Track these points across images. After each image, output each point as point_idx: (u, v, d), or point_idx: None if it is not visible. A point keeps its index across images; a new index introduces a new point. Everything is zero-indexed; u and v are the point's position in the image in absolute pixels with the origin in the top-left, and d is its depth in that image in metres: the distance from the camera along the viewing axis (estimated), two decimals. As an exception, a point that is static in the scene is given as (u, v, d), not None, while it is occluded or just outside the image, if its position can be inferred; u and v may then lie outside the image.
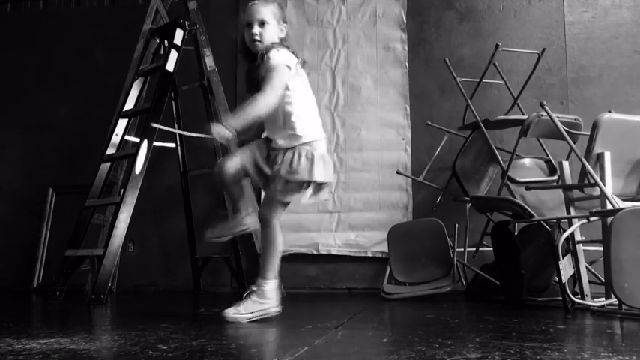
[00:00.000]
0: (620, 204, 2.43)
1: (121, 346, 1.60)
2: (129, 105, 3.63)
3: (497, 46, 3.30)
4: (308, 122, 2.13)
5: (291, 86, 2.10)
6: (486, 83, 3.62)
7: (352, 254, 3.85)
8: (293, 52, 2.14)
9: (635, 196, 2.62)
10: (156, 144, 3.31)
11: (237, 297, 3.44)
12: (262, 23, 2.11)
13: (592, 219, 2.49)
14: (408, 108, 3.95)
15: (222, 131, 1.94)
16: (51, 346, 1.58)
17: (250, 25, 2.11)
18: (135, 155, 3.16)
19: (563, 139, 2.68)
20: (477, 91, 3.52)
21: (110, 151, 3.50)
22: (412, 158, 3.90)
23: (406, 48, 4.02)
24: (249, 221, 2.19)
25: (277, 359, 1.38)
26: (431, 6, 4.07)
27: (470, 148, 3.35)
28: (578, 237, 2.63)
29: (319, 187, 2.12)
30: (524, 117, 3.16)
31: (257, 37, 2.10)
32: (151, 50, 3.86)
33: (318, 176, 2.06)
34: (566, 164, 2.79)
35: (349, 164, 3.95)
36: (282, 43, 2.15)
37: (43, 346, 1.58)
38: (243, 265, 3.58)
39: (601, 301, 2.50)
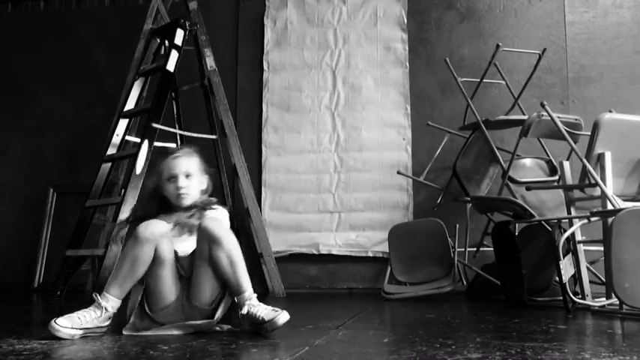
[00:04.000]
0: (621, 204, 2.43)
1: (121, 346, 1.60)
2: (129, 105, 3.63)
3: (497, 46, 3.31)
4: None
5: None
6: (487, 83, 3.62)
7: (353, 254, 3.85)
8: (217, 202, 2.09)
9: (635, 196, 2.62)
10: (156, 144, 3.31)
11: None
12: (188, 175, 2.02)
13: (593, 219, 2.49)
14: (409, 108, 3.95)
15: None
16: (52, 346, 1.58)
17: (175, 178, 2.00)
18: (135, 155, 3.16)
19: (564, 139, 2.68)
20: (478, 91, 3.52)
21: (111, 151, 3.50)
22: (413, 158, 3.89)
23: (407, 48, 4.02)
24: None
25: (278, 359, 1.38)
26: (431, 6, 4.07)
27: (470, 148, 3.35)
28: (578, 237, 2.63)
29: None
30: (525, 117, 3.16)
31: (184, 191, 2.00)
32: (151, 50, 3.86)
33: None
34: (566, 164, 2.80)
35: (349, 164, 3.95)
36: (202, 194, 2.08)
37: (43, 346, 1.58)
38: (244, 264, 3.58)
39: (602, 301, 2.50)
